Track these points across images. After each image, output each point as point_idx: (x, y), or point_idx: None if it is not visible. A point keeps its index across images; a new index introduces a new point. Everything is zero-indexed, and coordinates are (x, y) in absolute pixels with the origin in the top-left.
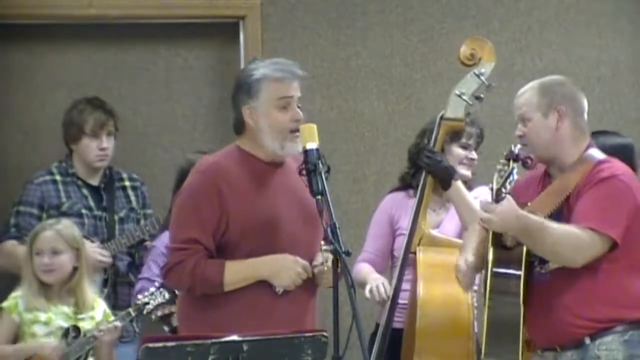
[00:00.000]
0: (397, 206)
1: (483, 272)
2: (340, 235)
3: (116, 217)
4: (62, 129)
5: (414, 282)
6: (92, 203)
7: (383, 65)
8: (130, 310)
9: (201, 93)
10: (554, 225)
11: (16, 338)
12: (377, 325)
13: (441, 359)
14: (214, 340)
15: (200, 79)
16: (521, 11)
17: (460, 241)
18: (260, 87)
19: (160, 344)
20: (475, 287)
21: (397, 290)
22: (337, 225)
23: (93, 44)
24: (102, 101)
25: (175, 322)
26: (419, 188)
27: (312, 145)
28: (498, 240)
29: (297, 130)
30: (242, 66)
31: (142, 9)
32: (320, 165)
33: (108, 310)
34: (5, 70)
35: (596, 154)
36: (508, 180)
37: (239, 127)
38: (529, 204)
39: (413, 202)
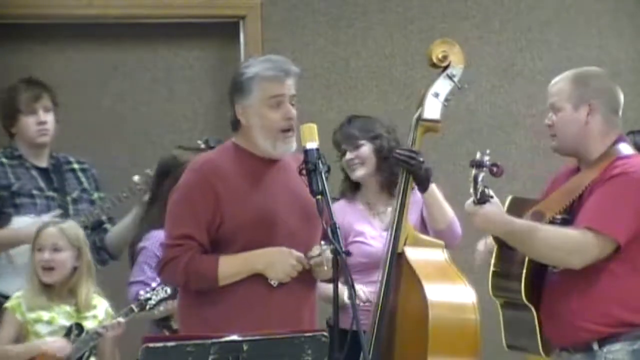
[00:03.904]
0: (344, 213)
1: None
2: (340, 234)
3: (69, 198)
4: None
5: (406, 284)
6: (42, 184)
7: (383, 65)
8: (133, 306)
9: (201, 93)
10: (545, 229)
11: (19, 338)
12: (330, 328)
13: (454, 358)
14: (214, 340)
15: (200, 79)
16: (521, 11)
17: (440, 242)
18: (252, 86)
19: (160, 344)
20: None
21: (387, 295)
22: (337, 225)
23: (93, 44)
24: (36, 79)
25: (175, 324)
26: (400, 189)
27: (312, 145)
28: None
29: (289, 129)
30: None
31: (142, 9)
32: (320, 165)
33: (110, 310)
34: (5, 70)
35: (622, 149)
36: (477, 187)
37: (234, 125)
38: (541, 201)
39: (357, 206)
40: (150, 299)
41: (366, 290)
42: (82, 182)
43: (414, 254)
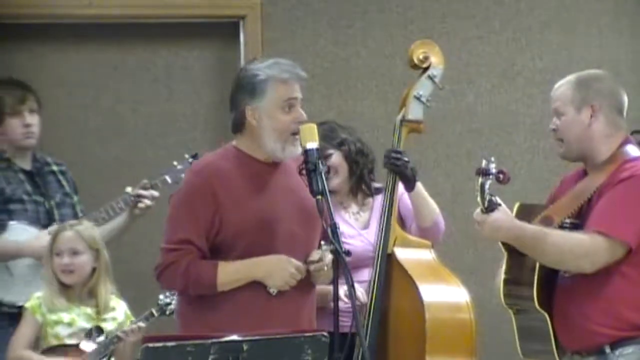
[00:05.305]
0: None
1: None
2: (341, 235)
3: (53, 202)
4: None
5: (398, 285)
6: (29, 188)
7: (383, 65)
8: (153, 310)
9: (201, 93)
10: (555, 234)
11: (38, 339)
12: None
13: (451, 358)
14: (214, 340)
15: (200, 79)
16: (521, 11)
17: (427, 242)
18: (266, 88)
19: (160, 344)
20: None
21: (380, 296)
22: (337, 225)
23: (93, 44)
24: (20, 80)
25: None
26: (388, 189)
27: (312, 145)
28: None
29: (298, 132)
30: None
31: (142, 9)
32: (320, 165)
33: (129, 312)
34: (5, 70)
35: (630, 151)
36: (484, 195)
37: (238, 127)
38: (549, 206)
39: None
40: (170, 303)
41: (363, 291)
42: (64, 186)
43: (403, 255)
